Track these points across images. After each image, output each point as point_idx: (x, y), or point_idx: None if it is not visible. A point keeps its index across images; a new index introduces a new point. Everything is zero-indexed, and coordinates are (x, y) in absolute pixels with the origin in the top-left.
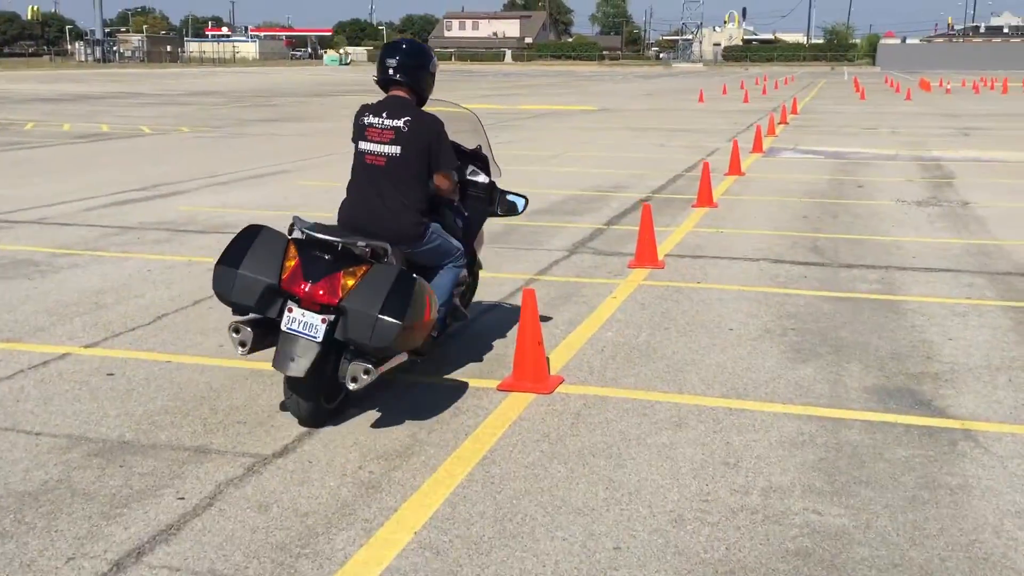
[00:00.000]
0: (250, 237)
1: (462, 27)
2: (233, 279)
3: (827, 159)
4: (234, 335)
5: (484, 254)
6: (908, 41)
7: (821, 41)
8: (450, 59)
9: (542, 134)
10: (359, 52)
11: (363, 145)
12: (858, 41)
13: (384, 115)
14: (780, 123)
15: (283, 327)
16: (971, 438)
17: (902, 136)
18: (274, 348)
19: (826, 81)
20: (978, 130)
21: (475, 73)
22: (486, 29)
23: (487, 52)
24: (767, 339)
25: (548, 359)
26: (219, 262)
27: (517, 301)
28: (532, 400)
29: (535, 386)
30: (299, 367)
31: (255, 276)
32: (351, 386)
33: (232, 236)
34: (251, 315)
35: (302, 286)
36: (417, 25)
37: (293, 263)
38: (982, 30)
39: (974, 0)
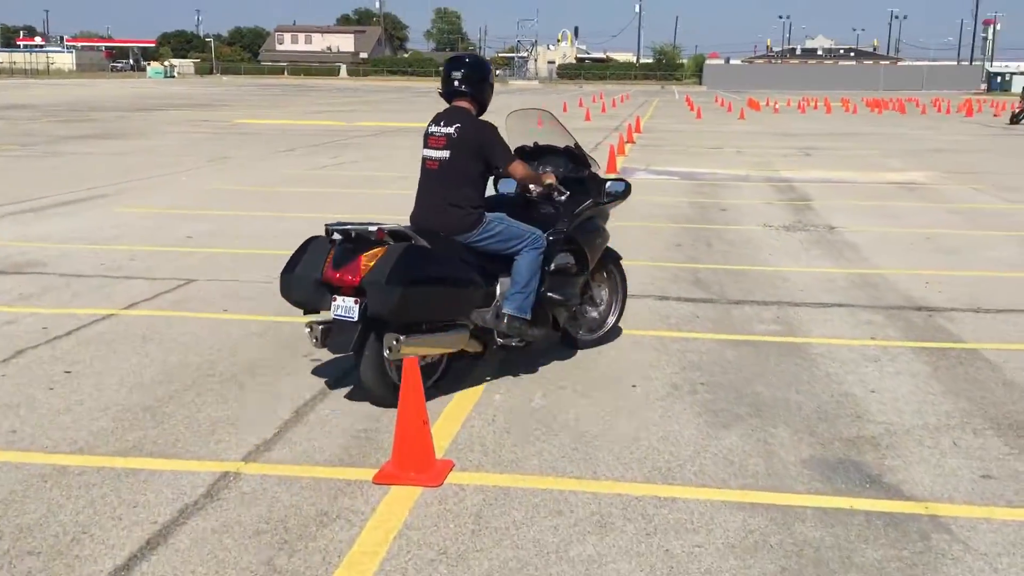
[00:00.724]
0: (304, 245)
1: (294, 41)
2: (291, 281)
3: (683, 180)
4: (308, 332)
5: None
6: (732, 61)
7: (650, 61)
8: (283, 73)
9: (387, 152)
10: (185, 64)
11: (424, 152)
12: (685, 61)
13: (442, 124)
14: (627, 142)
15: (332, 316)
16: (943, 528)
17: (748, 156)
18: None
19: (659, 100)
20: (816, 150)
21: (310, 88)
22: (320, 43)
23: (321, 67)
24: (677, 398)
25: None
26: (283, 272)
27: None
28: (419, 497)
29: (421, 477)
30: (343, 345)
31: (305, 275)
32: (386, 354)
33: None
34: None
35: (335, 275)
36: (247, 38)
37: (329, 258)
38: (798, 52)
39: (789, 24)
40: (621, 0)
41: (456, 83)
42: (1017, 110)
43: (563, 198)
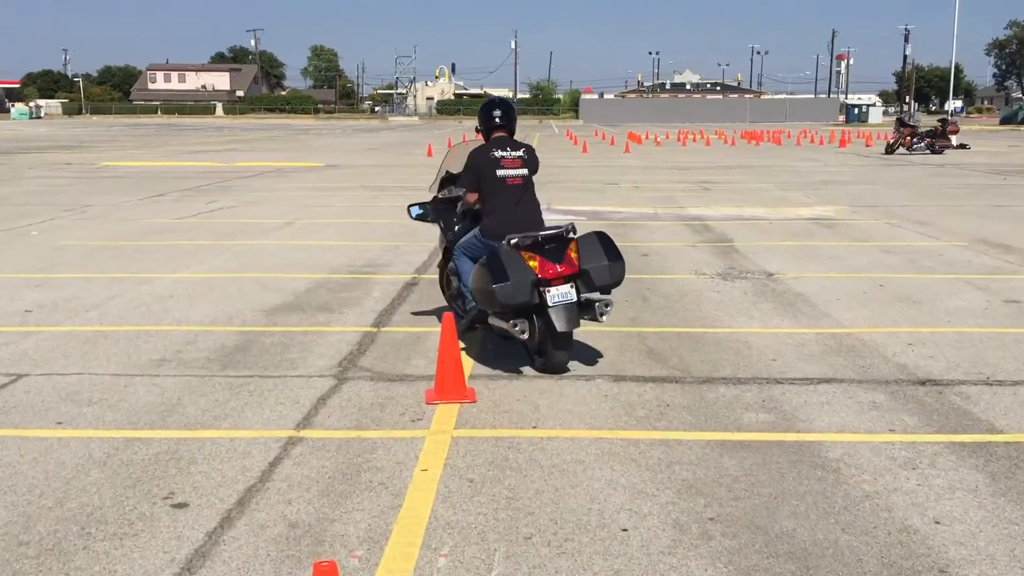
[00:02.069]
0: (495, 257)
1: (167, 79)
2: (514, 289)
3: (590, 220)
4: (516, 328)
5: (216, 398)
6: (606, 96)
7: (527, 96)
8: (156, 112)
9: (268, 196)
10: (53, 105)
11: (503, 172)
12: (561, 96)
13: (508, 149)
14: None
15: (550, 303)
16: None
17: (648, 192)
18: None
19: (540, 134)
20: (713, 184)
21: (186, 127)
22: (194, 82)
23: (196, 105)
24: (689, 548)
25: None
26: (495, 283)
27: (267, 497)
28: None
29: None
30: (572, 321)
31: (522, 280)
32: (602, 319)
33: None
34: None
35: (554, 269)
36: (117, 76)
37: (536, 261)
38: (668, 86)
39: (658, 59)
40: (497, 37)
41: (498, 120)
42: (892, 140)
43: None
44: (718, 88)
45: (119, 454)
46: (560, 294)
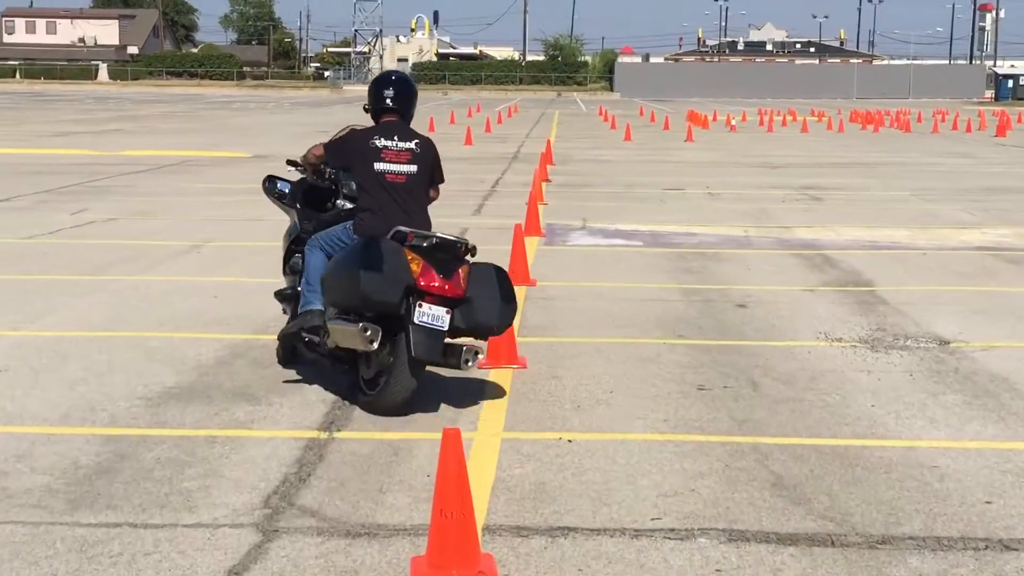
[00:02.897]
0: (374, 246)
1: (30, 30)
2: (379, 282)
3: (647, 247)
4: (363, 332)
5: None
6: (652, 59)
7: (541, 58)
8: (13, 76)
9: (166, 203)
10: None
11: (382, 166)
12: (589, 58)
13: (396, 139)
14: (542, 180)
15: (415, 321)
16: None
17: (729, 202)
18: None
19: (560, 112)
20: (823, 191)
21: (54, 97)
22: (68, 33)
23: (71, 67)
24: None
25: None
26: (361, 269)
27: None
28: None
29: None
30: (431, 351)
31: (395, 277)
32: (467, 367)
33: None
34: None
35: (434, 282)
36: None
37: (418, 264)
38: (740, 46)
39: (726, 9)
40: None
41: (388, 101)
42: None
43: None
44: (812, 49)
45: None
46: (432, 315)
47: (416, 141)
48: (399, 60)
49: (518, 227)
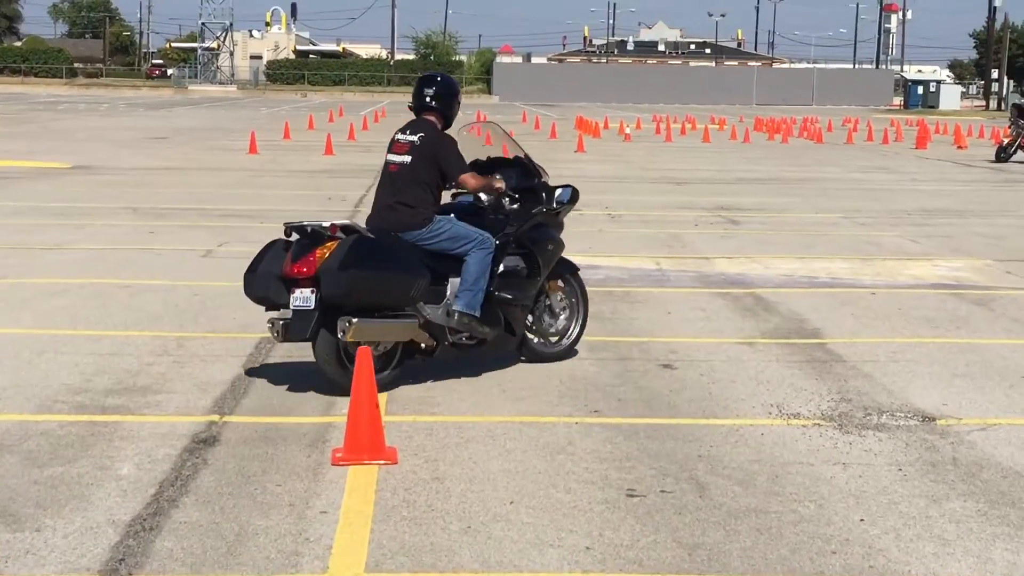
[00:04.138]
0: (267, 248)
1: None
2: (254, 280)
3: None
4: (269, 327)
5: None
6: (534, 60)
7: (412, 57)
8: None
9: None
10: None
11: (388, 156)
12: (464, 58)
13: (408, 132)
14: None
15: (291, 307)
16: None
17: (632, 224)
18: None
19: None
20: (744, 211)
21: None
22: None
23: None
24: None
25: None
26: (246, 272)
27: None
28: None
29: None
30: (301, 331)
31: (266, 272)
32: (340, 336)
33: None
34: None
35: (293, 268)
36: None
37: (289, 255)
38: (630, 47)
39: (614, 7)
40: None
41: (428, 99)
42: (1008, 140)
43: (515, 205)
44: (708, 50)
45: None
46: (301, 299)
47: (420, 135)
48: (252, 57)
49: None
